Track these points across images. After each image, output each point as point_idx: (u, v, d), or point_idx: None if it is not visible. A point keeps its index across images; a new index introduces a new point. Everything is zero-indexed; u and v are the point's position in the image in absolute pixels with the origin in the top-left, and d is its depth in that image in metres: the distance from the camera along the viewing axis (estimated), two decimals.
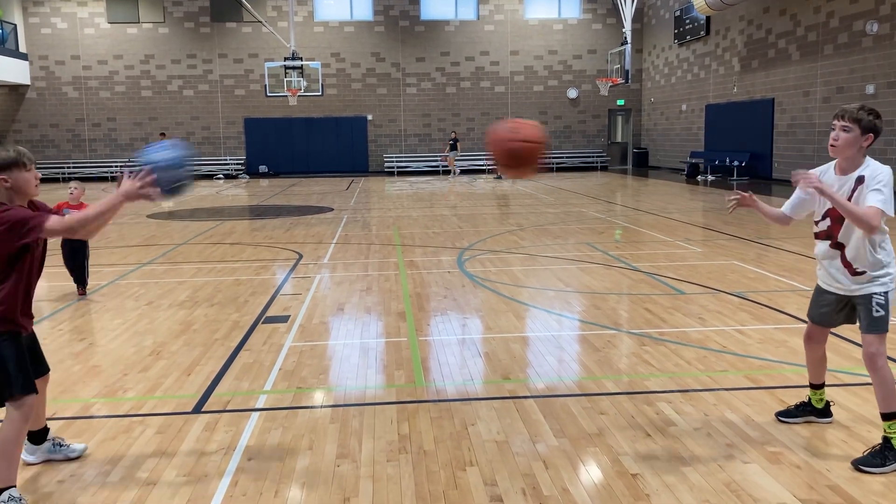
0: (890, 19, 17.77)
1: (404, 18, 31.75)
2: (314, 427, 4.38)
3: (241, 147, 31.92)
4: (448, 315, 7.06)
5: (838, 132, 3.78)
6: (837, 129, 3.79)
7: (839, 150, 3.81)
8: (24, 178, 3.48)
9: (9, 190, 3.46)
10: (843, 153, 3.81)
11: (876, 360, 3.77)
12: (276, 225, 14.57)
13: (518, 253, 10.62)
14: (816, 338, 4.19)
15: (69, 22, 30.60)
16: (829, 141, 3.87)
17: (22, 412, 3.49)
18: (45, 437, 3.97)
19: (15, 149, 3.50)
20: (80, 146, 31.29)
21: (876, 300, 3.81)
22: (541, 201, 18.60)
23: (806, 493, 3.49)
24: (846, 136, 3.76)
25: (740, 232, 12.29)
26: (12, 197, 3.48)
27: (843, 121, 3.76)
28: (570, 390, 4.96)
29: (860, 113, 3.74)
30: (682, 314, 6.92)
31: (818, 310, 4.12)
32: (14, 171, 3.45)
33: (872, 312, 3.80)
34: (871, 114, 3.76)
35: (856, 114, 3.74)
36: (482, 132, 32.36)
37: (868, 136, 3.75)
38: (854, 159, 3.81)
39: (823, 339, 4.19)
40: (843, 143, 3.77)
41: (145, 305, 7.66)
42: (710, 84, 27.02)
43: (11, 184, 3.45)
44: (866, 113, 3.75)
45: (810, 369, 4.28)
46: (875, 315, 3.80)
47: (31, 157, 3.54)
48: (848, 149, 3.78)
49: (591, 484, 3.64)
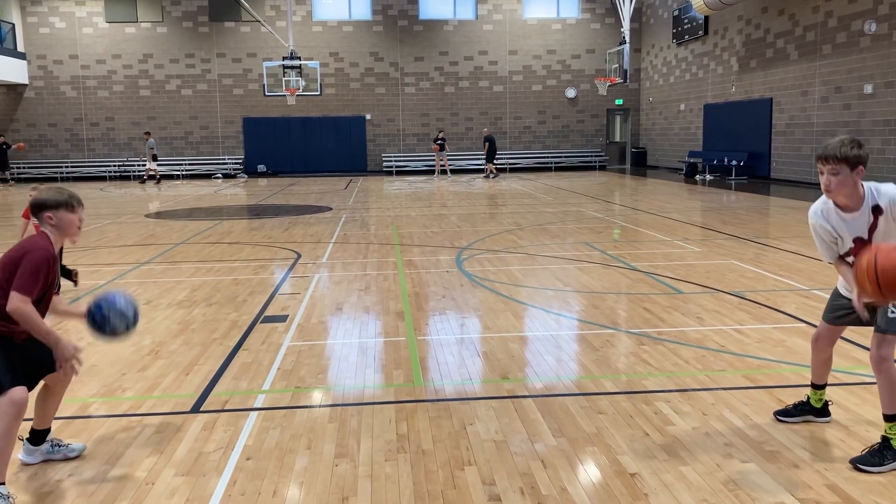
0: (888, 19, 17.79)
1: (403, 18, 31.74)
2: (312, 426, 4.38)
3: (240, 146, 31.90)
4: (446, 314, 7.06)
5: (828, 177, 3.66)
6: (826, 173, 3.66)
7: (835, 195, 3.71)
8: (67, 219, 3.77)
9: (53, 226, 3.75)
10: (840, 194, 3.70)
11: (882, 362, 3.75)
12: (274, 224, 14.56)
13: (517, 252, 10.62)
14: (828, 339, 4.17)
15: (67, 21, 30.57)
16: (821, 186, 3.75)
17: (14, 408, 3.51)
18: (44, 439, 3.97)
19: (69, 193, 3.82)
20: (79, 146, 31.25)
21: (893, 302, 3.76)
22: (539, 201, 18.60)
23: (804, 493, 3.49)
24: (837, 178, 3.64)
25: (738, 231, 12.30)
26: (55, 235, 3.76)
27: (828, 164, 3.64)
28: (568, 390, 4.97)
29: (843, 151, 3.60)
30: (680, 314, 6.92)
31: (833, 314, 4.10)
32: (61, 211, 3.74)
33: (888, 313, 3.77)
34: (854, 146, 3.62)
35: (839, 152, 3.61)
36: (480, 132, 32.39)
37: (859, 169, 3.64)
38: (853, 195, 3.71)
39: (833, 340, 4.18)
40: (836, 186, 3.66)
41: (144, 305, 7.65)
42: (709, 84, 27.03)
43: (56, 222, 3.74)
44: (849, 148, 3.61)
45: (814, 369, 4.27)
46: (891, 316, 3.76)
47: (80, 200, 3.83)
48: (843, 189, 3.67)
49: (590, 483, 3.64)
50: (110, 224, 15.12)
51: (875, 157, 18.31)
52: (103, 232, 13.71)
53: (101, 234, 13.43)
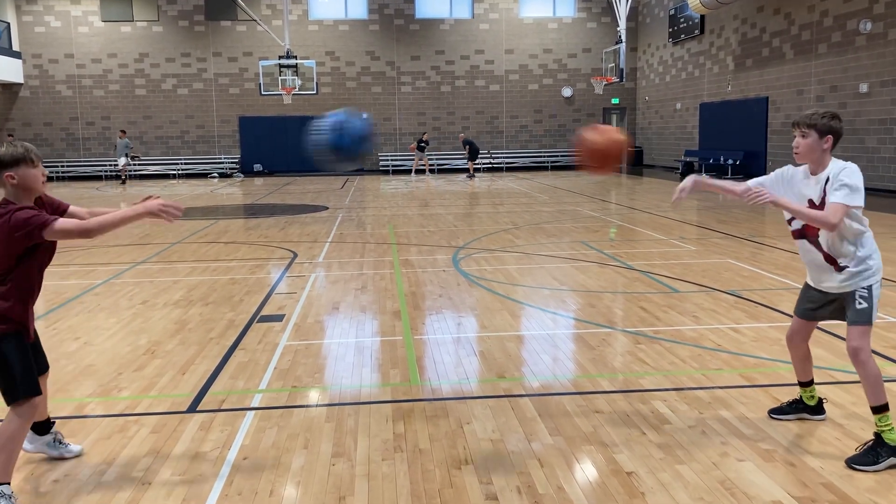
0: (883, 18, 17.83)
1: (399, 17, 31.73)
2: (309, 426, 4.38)
3: (236, 146, 31.87)
4: (443, 314, 7.06)
5: (798, 139, 3.89)
6: (797, 136, 3.89)
7: (802, 156, 3.92)
8: (31, 174, 3.47)
9: (15, 187, 3.46)
10: (808, 158, 3.91)
11: (859, 353, 3.81)
12: (270, 224, 14.55)
13: (513, 251, 10.63)
14: (801, 335, 4.22)
15: (63, 20, 30.50)
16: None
17: (26, 414, 3.51)
18: (48, 430, 3.97)
19: (22, 145, 3.50)
20: (74, 145, 31.18)
21: (859, 293, 3.86)
22: (536, 200, 18.61)
23: (800, 491, 3.50)
24: (805, 141, 3.86)
25: (734, 230, 12.32)
26: (19, 194, 3.48)
27: (799, 128, 3.88)
28: (565, 389, 4.97)
29: (814, 118, 3.84)
30: (676, 312, 6.93)
31: (804, 305, 4.18)
32: (21, 167, 3.45)
33: (856, 305, 3.86)
34: (826, 116, 3.84)
35: (810, 119, 3.85)
36: (477, 131, 32.39)
37: (827, 138, 3.83)
38: (819, 162, 3.90)
39: (807, 336, 4.23)
40: (803, 148, 3.89)
41: (140, 304, 7.64)
42: (705, 83, 27.06)
43: (18, 181, 3.45)
44: (820, 117, 3.84)
45: (796, 368, 4.32)
46: (858, 307, 3.85)
47: (37, 153, 3.54)
48: (810, 153, 3.88)
49: (586, 482, 3.64)
50: None
51: (870, 155, 18.34)
52: None
53: None
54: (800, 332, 4.22)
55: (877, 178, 17.98)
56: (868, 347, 3.83)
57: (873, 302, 3.85)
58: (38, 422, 3.93)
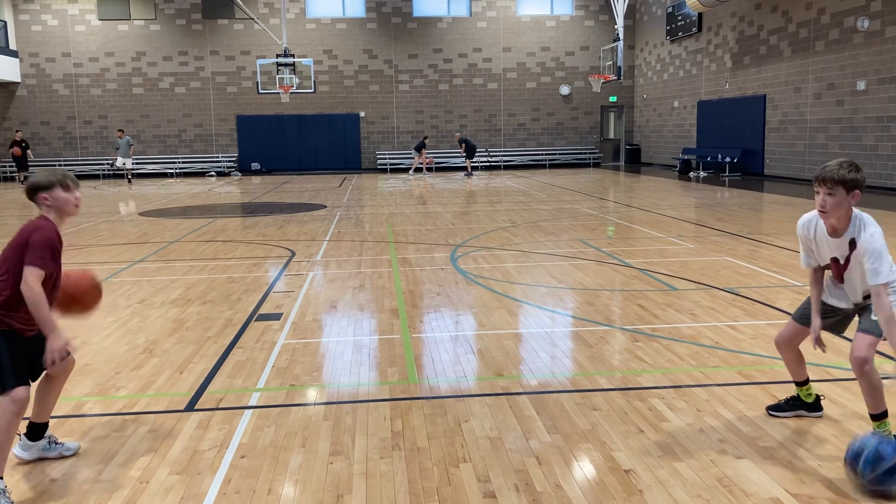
0: (881, 15, 17.84)
1: (396, 15, 31.70)
2: (307, 424, 4.38)
3: (234, 144, 31.84)
4: (441, 312, 7.06)
5: (824, 197, 3.72)
6: (822, 194, 3.72)
7: (829, 216, 3.78)
8: (63, 197, 3.76)
9: (50, 207, 3.74)
10: (834, 216, 3.77)
11: (864, 365, 3.75)
12: (268, 222, 14.54)
13: (511, 250, 10.63)
14: (790, 341, 4.20)
15: (59, 19, 30.45)
16: (816, 206, 3.82)
17: (16, 406, 3.53)
18: (42, 434, 3.97)
19: (62, 172, 3.83)
20: (72, 144, 31.15)
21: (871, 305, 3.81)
22: (533, 198, 18.61)
23: (797, 488, 3.50)
24: (833, 199, 3.70)
25: (732, 228, 12.33)
26: (53, 215, 3.76)
27: (825, 186, 3.70)
28: (563, 386, 4.97)
29: (841, 173, 3.67)
30: (674, 310, 6.94)
31: (805, 312, 4.15)
32: (56, 190, 3.73)
33: (872, 315, 3.79)
34: (852, 169, 3.69)
35: (837, 176, 3.67)
36: (475, 129, 32.39)
37: (855, 193, 3.70)
38: (844, 219, 3.79)
39: (797, 342, 4.20)
40: (831, 207, 3.73)
41: (137, 303, 7.64)
42: (702, 80, 27.08)
43: (52, 202, 3.73)
44: (847, 171, 3.68)
45: (790, 370, 4.31)
46: (874, 318, 3.77)
47: (74, 179, 3.84)
48: (837, 211, 3.74)
49: (584, 480, 3.64)
50: (104, 222, 15.07)
51: (868, 153, 18.36)
52: (97, 230, 13.67)
53: (94, 232, 13.39)
54: (794, 337, 4.19)
55: (874, 176, 17.99)
56: (873, 359, 3.80)
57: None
58: (37, 423, 3.94)
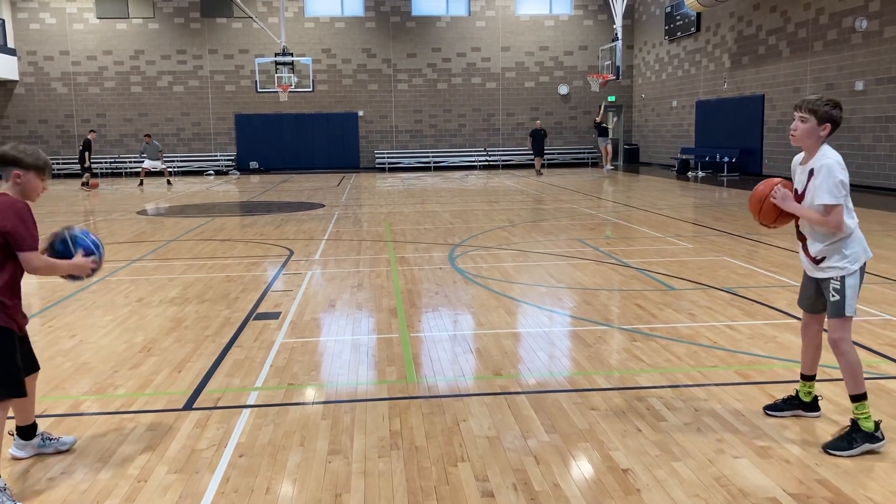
0: (879, 16, 17.85)
1: (395, 14, 31.69)
2: (305, 423, 4.38)
3: (232, 143, 31.81)
4: (439, 311, 7.06)
5: (796, 122, 3.90)
6: (797, 119, 3.90)
7: (798, 140, 3.93)
8: (33, 184, 3.69)
9: (17, 186, 3.64)
10: (802, 143, 3.92)
11: (839, 344, 3.88)
12: (266, 221, 14.54)
13: (509, 249, 10.63)
14: (809, 327, 4.24)
15: (58, 17, 30.41)
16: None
17: (3, 411, 3.57)
18: (34, 433, 3.97)
19: (45, 160, 3.75)
20: (70, 142, 31.10)
21: (832, 285, 3.90)
22: (532, 197, 18.61)
23: (795, 487, 3.51)
24: (803, 126, 3.87)
25: (730, 228, 12.34)
26: (17, 194, 3.65)
27: (800, 112, 3.87)
28: (561, 386, 4.98)
29: (817, 104, 3.84)
30: (672, 310, 6.94)
31: (802, 294, 4.26)
32: (31, 173, 3.65)
33: (830, 297, 3.92)
34: (828, 104, 3.84)
35: (813, 104, 3.84)
36: (473, 128, 32.39)
37: (825, 126, 3.84)
38: (812, 149, 3.91)
39: (816, 328, 4.22)
40: (800, 133, 3.89)
41: (136, 302, 7.63)
42: (701, 80, 27.08)
43: (22, 182, 3.64)
44: (823, 104, 3.83)
45: (804, 358, 4.30)
46: (832, 299, 3.91)
47: (50, 168, 3.79)
48: (806, 139, 3.89)
49: (582, 479, 3.65)
50: (102, 221, 15.06)
51: (866, 153, 18.38)
52: (95, 229, 13.66)
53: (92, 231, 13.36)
54: (809, 324, 4.24)
55: (872, 176, 18.01)
56: (849, 338, 3.90)
57: (848, 293, 3.87)
58: (24, 426, 3.94)
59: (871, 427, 3.84)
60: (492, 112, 32.59)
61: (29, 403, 3.92)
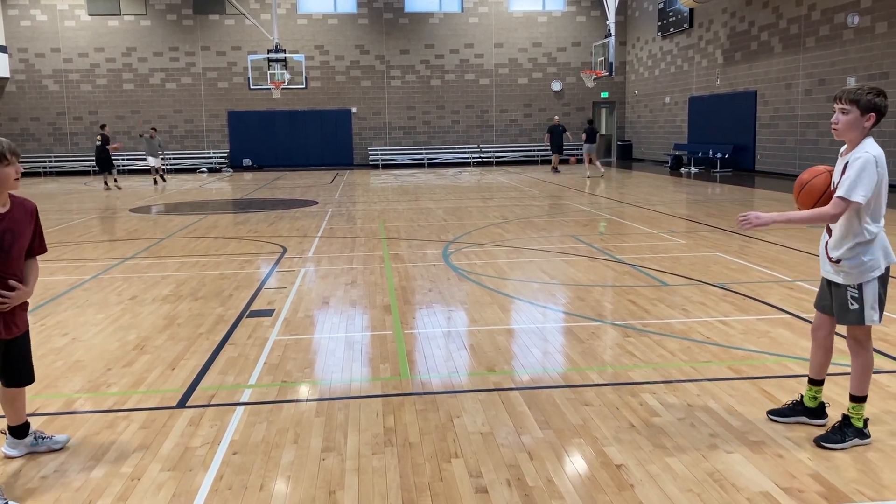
0: (870, 12, 17.91)
1: (388, 11, 31.64)
2: (299, 421, 4.38)
3: (225, 140, 31.74)
4: (433, 308, 7.06)
5: (837, 115, 3.68)
6: (837, 111, 3.68)
7: (841, 134, 3.71)
8: (3, 172, 3.46)
9: None
10: (846, 136, 3.69)
11: (859, 345, 3.84)
12: (260, 218, 14.51)
13: (503, 246, 10.64)
14: (820, 329, 4.06)
15: (49, 14, 30.26)
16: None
17: None
18: (26, 432, 3.95)
19: (4, 143, 3.46)
20: (62, 140, 30.99)
21: (850, 293, 3.78)
22: (525, 194, 18.63)
23: (787, 482, 3.53)
24: (845, 118, 3.65)
25: (723, 223, 12.37)
26: None
27: (841, 103, 3.65)
28: (554, 382, 4.98)
29: (858, 93, 3.61)
30: (665, 305, 6.96)
31: (819, 295, 4.07)
32: None
33: (849, 305, 3.80)
34: (871, 92, 3.60)
35: (854, 94, 3.61)
36: (467, 125, 32.38)
37: (869, 116, 3.61)
38: (855, 142, 3.68)
39: (827, 330, 4.04)
40: (842, 125, 3.67)
41: (129, 300, 7.61)
42: (694, 76, 27.13)
43: None
44: (865, 92, 3.60)
45: (812, 362, 4.14)
46: (851, 308, 3.79)
47: (14, 150, 3.50)
48: (849, 131, 3.66)
49: (576, 474, 3.66)
50: (94, 219, 15.01)
51: None
52: (88, 227, 13.61)
53: (85, 228, 13.33)
54: (820, 326, 4.05)
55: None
56: (868, 341, 3.84)
57: (865, 302, 3.73)
58: (16, 426, 3.93)
59: (860, 424, 3.87)
60: (485, 109, 32.58)
61: (19, 403, 3.91)
